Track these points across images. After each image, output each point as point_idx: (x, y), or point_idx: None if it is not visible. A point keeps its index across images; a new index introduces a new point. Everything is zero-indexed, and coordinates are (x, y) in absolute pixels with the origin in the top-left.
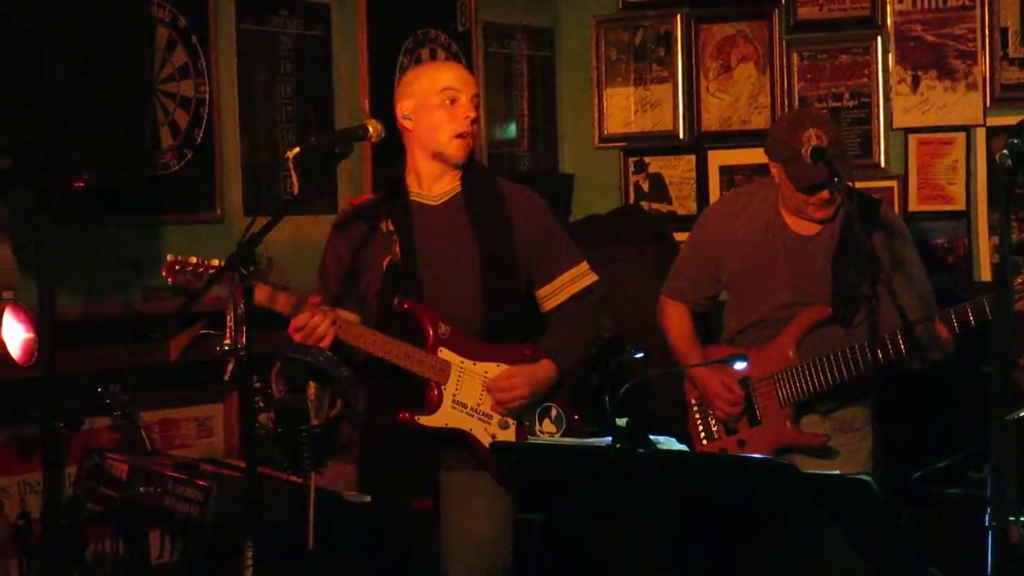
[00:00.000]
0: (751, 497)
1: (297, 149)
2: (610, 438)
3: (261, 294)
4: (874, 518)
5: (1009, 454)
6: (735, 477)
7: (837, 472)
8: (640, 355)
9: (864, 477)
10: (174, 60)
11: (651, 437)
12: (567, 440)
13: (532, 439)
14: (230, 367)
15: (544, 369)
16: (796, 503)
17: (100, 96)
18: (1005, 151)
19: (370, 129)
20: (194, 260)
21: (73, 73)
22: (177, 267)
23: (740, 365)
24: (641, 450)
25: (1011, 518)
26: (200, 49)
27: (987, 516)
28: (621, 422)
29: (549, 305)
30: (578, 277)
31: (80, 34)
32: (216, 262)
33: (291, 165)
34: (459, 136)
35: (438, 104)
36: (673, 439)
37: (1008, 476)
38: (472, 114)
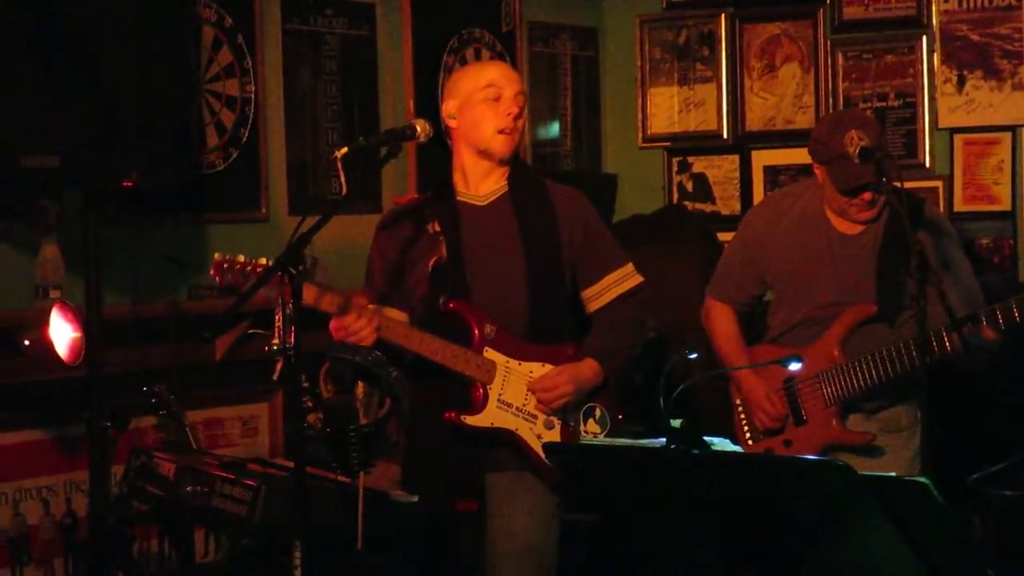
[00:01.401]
0: (807, 498)
1: (345, 149)
2: (663, 439)
3: (308, 294)
4: (932, 520)
5: None
6: (791, 478)
7: (894, 474)
8: (694, 356)
9: (922, 479)
10: (220, 60)
11: (705, 438)
12: (621, 441)
13: (582, 439)
14: (279, 367)
15: (589, 368)
16: (853, 504)
17: (149, 96)
18: None
19: (418, 129)
20: (242, 259)
21: (124, 73)
22: (225, 266)
23: (795, 366)
24: (696, 451)
25: None
26: (246, 49)
27: None
28: (676, 423)
29: (595, 306)
30: (624, 278)
31: (131, 35)
32: (263, 261)
33: (339, 165)
34: (502, 131)
35: (482, 100)
36: (727, 440)
37: None
38: (514, 110)
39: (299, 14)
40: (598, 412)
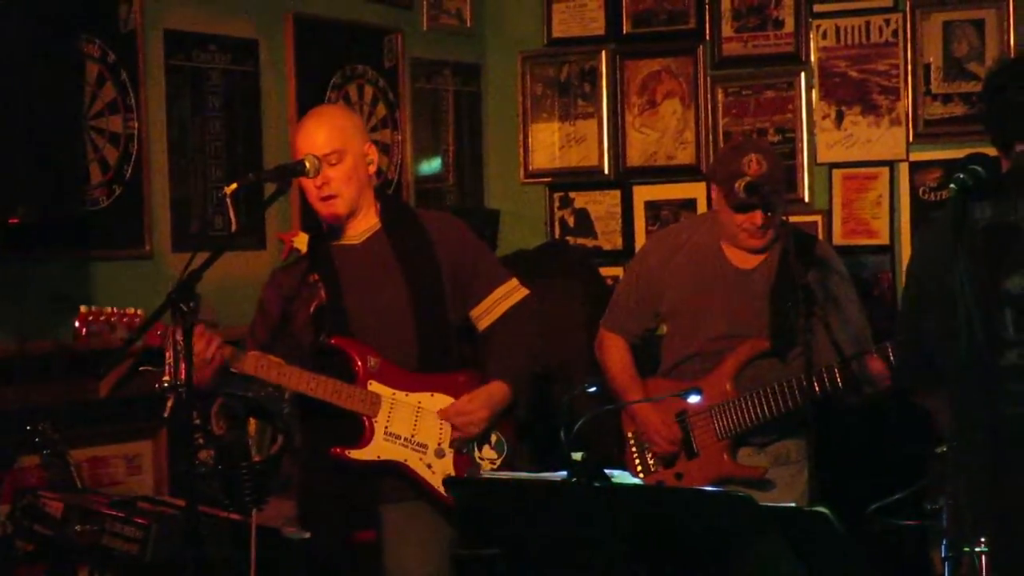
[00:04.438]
0: (709, 530)
1: (235, 185)
2: (564, 472)
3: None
4: (833, 550)
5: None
6: (693, 510)
7: (794, 504)
8: (594, 389)
9: (823, 509)
10: (103, 96)
11: (606, 471)
12: (522, 475)
13: (472, 470)
14: (170, 404)
15: (498, 390)
16: (755, 535)
17: (34, 132)
18: (953, 184)
19: (308, 165)
20: (108, 310)
21: (8, 110)
22: (91, 318)
23: (695, 399)
24: (598, 484)
25: (966, 549)
26: (129, 85)
27: (944, 547)
28: (577, 456)
29: (485, 323)
30: (510, 293)
31: (15, 71)
32: (131, 311)
33: (229, 202)
34: (322, 199)
35: None
36: (627, 473)
37: (964, 506)
38: (319, 181)
39: (182, 50)
40: (494, 438)
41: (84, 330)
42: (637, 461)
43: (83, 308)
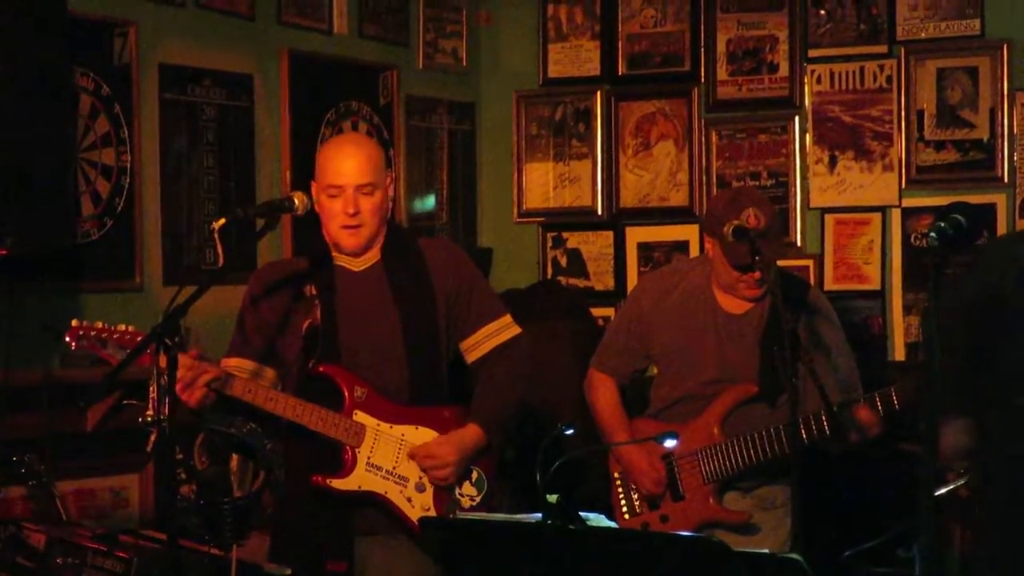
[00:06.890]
0: (682, 574)
1: (223, 220)
2: (540, 514)
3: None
4: None
5: (937, 532)
6: (666, 554)
7: (767, 551)
8: (570, 431)
9: (795, 556)
10: (96, 128)
11: (581, 514)
12: (498, 516)
13: (455, 511)
14: (153, 438)
15: (472, 434)
16: None
17: (26, 163)
18: (933, 234)
19: (296, 202)
20: (99, 325)
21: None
22: (81, 332)
23: (671, 443)
24: (572, 526)
25: None
26: (123, 118)
27: None
28: (552, 498)
29: (473, 357)
30: (501, 329)
31: (8, 102)
32: (122, 327)
33: (216, 236)
34: (345, 227)
35: (326, 196)
36: (603, 516)
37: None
38: (351, 209)
39: (177, 84)
40: (475, 475)
41: (74, 344)
42: (623, 502)
43: (74, 322)
